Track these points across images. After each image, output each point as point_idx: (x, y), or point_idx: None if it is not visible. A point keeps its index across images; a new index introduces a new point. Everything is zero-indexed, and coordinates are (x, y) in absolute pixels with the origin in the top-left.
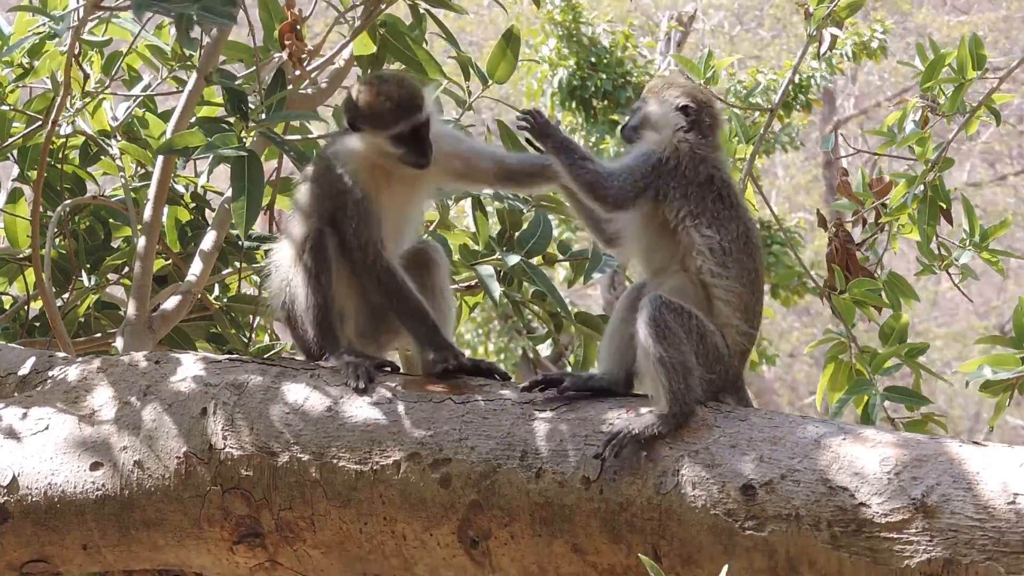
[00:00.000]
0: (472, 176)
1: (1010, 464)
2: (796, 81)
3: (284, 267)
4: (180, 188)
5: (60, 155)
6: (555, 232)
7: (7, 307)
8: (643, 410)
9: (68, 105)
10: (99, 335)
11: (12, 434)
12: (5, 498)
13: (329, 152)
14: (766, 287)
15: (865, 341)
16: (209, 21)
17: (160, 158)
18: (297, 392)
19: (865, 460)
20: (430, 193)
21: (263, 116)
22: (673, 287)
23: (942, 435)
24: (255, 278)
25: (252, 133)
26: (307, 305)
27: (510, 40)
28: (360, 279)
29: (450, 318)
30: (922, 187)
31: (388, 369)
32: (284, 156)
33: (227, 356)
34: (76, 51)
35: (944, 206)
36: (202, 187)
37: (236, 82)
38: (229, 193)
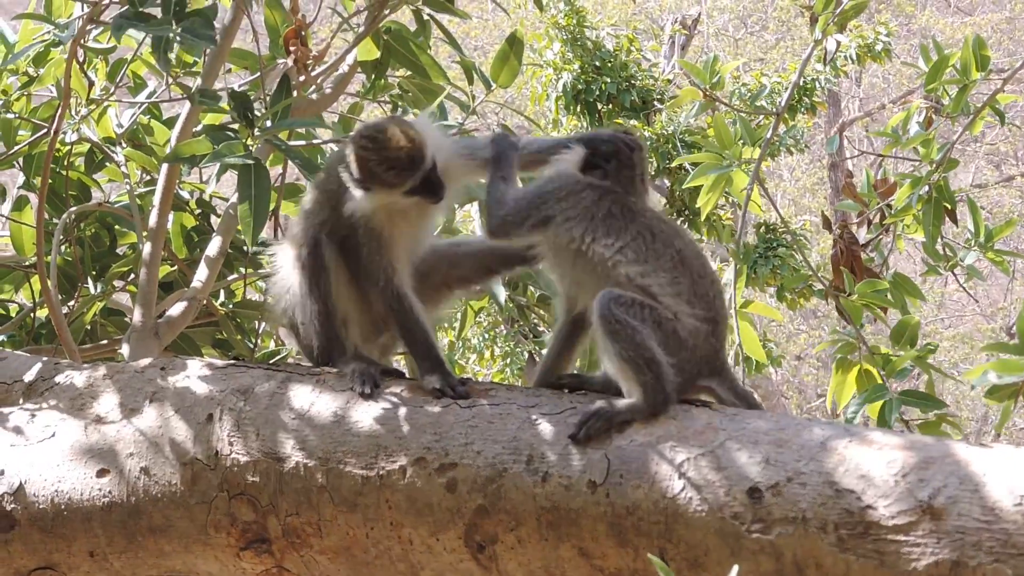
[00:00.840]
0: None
1: (1016, 466)
2: (801, 84)
3: (285, 274)
4: (185, 194)
5: (65, 162)
6: None
7: (13, 314)
8: (624, 400)
9: (73, 112)
10: (105, 342)
11: (19, 441)
12: (12, 505)
13: (346, 208)
14: (771, 289)
15: (872, 342)
16: (189, 44)
17: (165, 164)
18: (303, 398)
19: (871, 462)
20: (442, 213)
21: (268, 123)
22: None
23: (948, 437)
24: (260, 284)
25: (257, 140)
26: (310, 312)
27: (514, 44)
28: (371, 295)
29: None
30: (927, 188)
31: (394, 375)
32: (289, 162)
33: (233, 362)
34: (81, 59)
35: (949, 207)
36: (209, 195)
37: (223, 102)
38: (234, 199)
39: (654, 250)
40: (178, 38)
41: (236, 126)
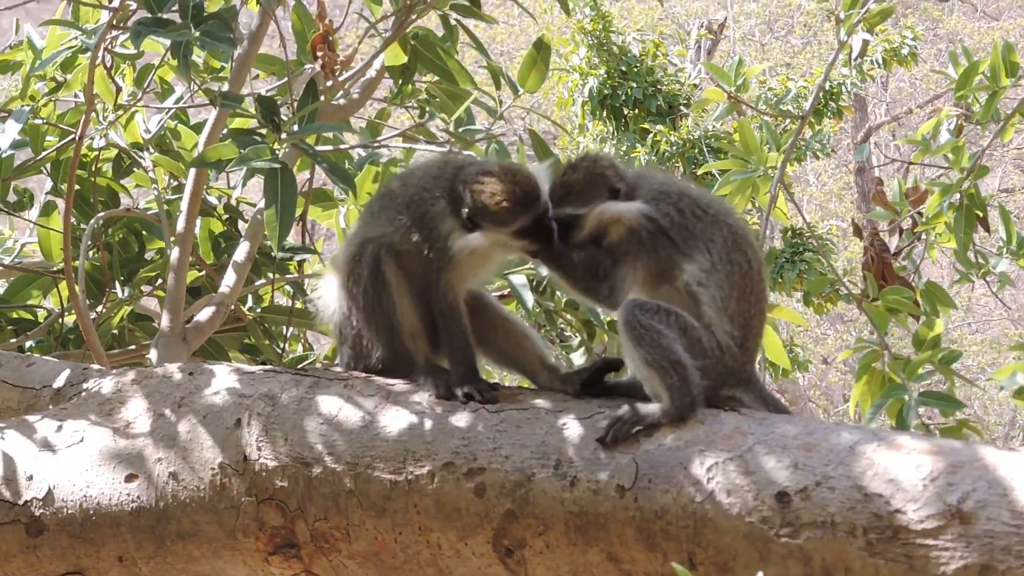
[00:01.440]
0: None
1: None
2: (827, 88)
3: (333, 301)
4: (213, 200)
5: (93, 168)
6: None
7: (41, 320)
8: (652, 404)
9: (101, 118)
10: (133, 347)
11: (47, 447)
12: (41, 511)
13: (450, 247)
14: (798, 294)
15: (900, 349)
16: (209, 47)
17: (192, 170)
18: (331, 403)
19: (900, 467)
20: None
21: (295, 128)
22: (661, 298)
23: (976, 441)
24: (288, 288)
25: (284, 144)
26: (372, 334)
27: (540, 49)
28: (428, 298)
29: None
30: (958, 195)
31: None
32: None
33: (261, 367)
34: (108, 64)
35: (980, 214)
36: (236, 199)
37: (245, 102)
38: (261, 204)
39: (729, 259)
40: (197, 42)
41: (263, 131)
